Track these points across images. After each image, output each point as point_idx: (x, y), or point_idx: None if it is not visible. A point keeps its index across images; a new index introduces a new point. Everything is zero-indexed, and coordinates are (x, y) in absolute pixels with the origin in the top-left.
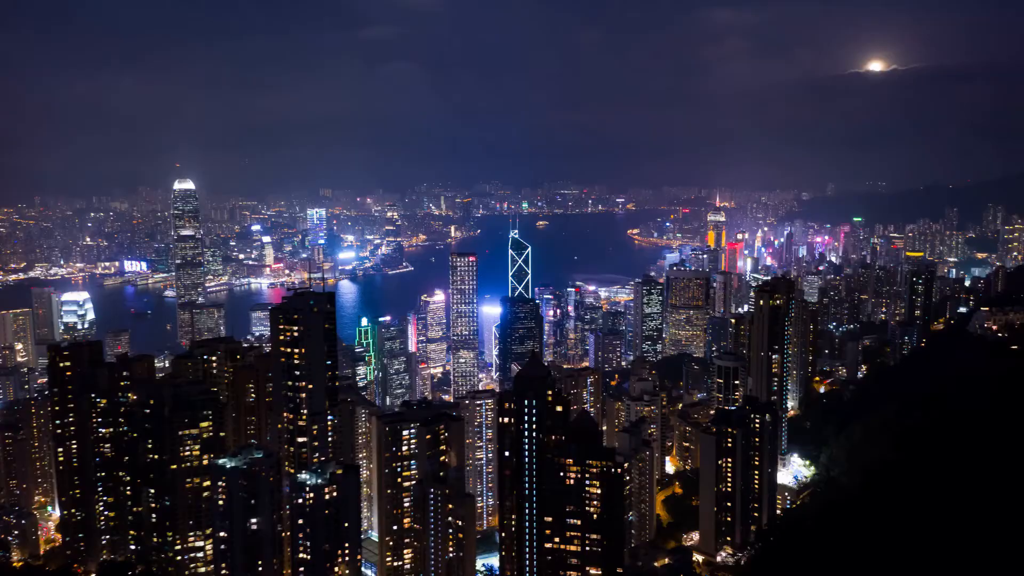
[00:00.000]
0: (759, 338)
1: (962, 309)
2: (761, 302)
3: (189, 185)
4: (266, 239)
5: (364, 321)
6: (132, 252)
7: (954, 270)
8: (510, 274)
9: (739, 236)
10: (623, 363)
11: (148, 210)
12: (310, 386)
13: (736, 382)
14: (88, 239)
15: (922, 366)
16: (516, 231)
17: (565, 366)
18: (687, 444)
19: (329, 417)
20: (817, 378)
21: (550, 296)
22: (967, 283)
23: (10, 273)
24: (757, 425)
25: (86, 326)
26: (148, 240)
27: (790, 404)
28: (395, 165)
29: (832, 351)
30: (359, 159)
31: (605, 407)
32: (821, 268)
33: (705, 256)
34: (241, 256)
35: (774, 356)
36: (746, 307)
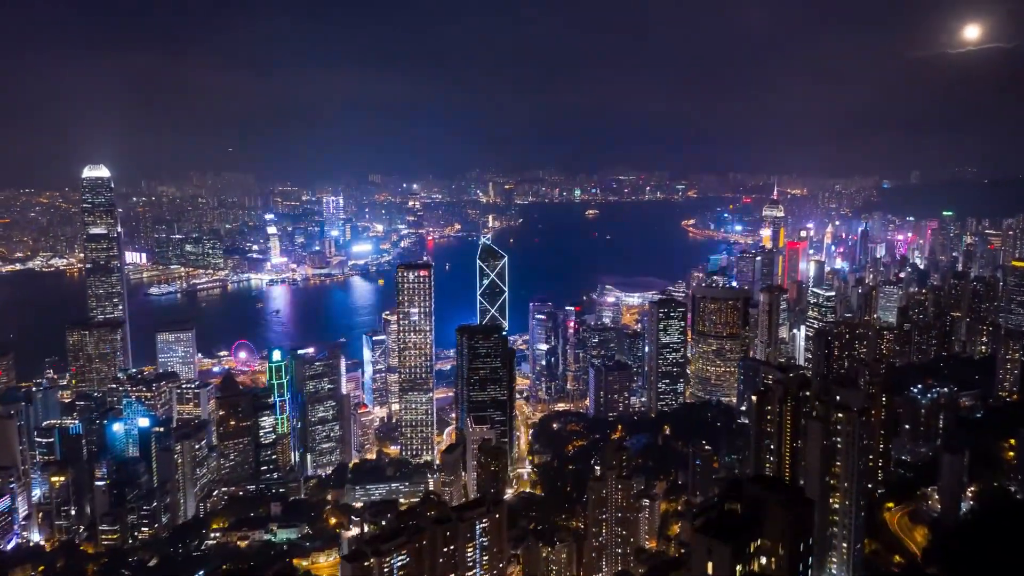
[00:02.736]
0: None
1: None
2: None
3: (102, 172)
4: (271, 230)
5: (276, 355)
6: (138, 242)
7: None
8: (479, 293)
9: (803, 233)
10: (637, 405)
11: (190, 195)
12: None
13: None
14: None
15: None
16: (489, 235)
17: (560, 406)
18: None
19: None
20: (891, 504)
21: (543, 316)
22: None
23: (9, 263)
24: None
25: None
26: (166, 229)
27: None
28: (449, 150)
29: (916, 427)
30: (413, 144)
31: None
32: (902, 275)
33: (759, 259)
34: (256, 248)
35: None
36: (803, 330)
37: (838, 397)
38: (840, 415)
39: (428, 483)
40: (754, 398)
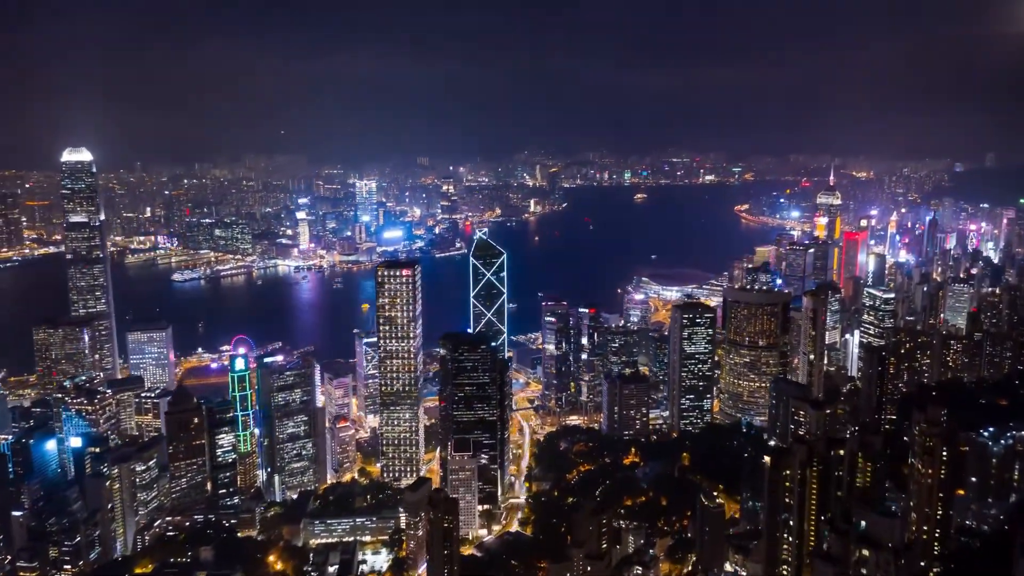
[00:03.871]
0: None
1: None
2: None
3: (83, 156)
4: (301, 215)
5: (239, 363)
6: (172, 226)
7: None
8: (471, 295)
9: (864, 222)
10: (660, 421)
11: (240, 178)
12: None
13: None
14: (149, 211)
15: None
16: (486, 228)
17: (572, 419)
18: None
19: None
20: None
21: (553, 319)
22: None
23: (46, 245)
24: None
25: None
26: (203, 212)
27: None
28: (498, 133)
29: (984, 480)
30: (464, 126)
31: None
32: (974, 271)
33: (811, 252)
34: (290, 232)
35: None
36: (857, 336)
37: (864, 523)
38: (865, 552)
39: (400, 519)
40: (767, 460)
